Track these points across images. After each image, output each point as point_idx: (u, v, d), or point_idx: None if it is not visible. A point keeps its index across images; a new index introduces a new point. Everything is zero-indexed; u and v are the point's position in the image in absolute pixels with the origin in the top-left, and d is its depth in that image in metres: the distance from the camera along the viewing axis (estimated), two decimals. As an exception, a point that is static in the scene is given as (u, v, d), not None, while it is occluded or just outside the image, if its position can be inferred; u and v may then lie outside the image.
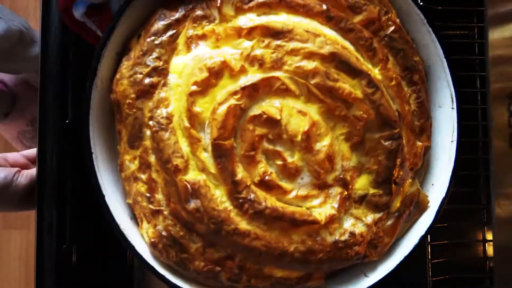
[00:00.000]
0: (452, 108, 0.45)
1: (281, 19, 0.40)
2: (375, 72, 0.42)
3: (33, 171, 0.47)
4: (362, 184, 0.43)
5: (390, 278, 0.43)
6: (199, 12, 0.40)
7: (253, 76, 0.39)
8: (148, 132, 0.39)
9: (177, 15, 0.40)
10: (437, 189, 0.46)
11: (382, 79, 0.42)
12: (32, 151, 0.51)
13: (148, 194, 0.40)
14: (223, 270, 0.40)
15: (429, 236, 0.51)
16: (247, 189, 0.39)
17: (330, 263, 0.42)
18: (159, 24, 0.40)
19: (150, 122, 0.39)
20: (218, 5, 0.40)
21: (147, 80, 0.39)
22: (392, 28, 0.43)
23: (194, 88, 0.38)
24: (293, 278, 0.42)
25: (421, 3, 0.52)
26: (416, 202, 0.45)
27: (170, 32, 0.40)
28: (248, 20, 0.40)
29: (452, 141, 0.45)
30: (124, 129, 0.41)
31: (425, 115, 0.45)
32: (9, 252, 1.08)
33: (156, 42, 0.40)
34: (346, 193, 0.42)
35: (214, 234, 0.39)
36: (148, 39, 0.40)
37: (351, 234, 0.42)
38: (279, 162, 0.40)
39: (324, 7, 0.41)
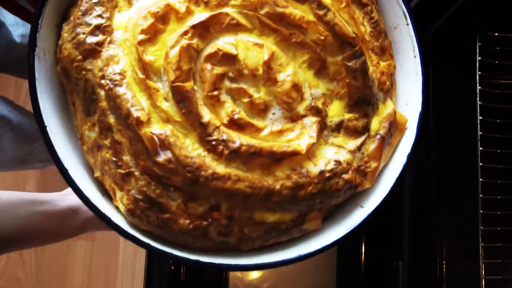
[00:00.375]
0: (407, 24, 0.45)
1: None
2: None
3: None
4: (335, 111, 0.42)
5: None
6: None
7: (201, 15, 0.38)
8: (102, 93, 0.37)
9: (112, -28, 0.39)
10: (412, 106, 0.45)
11: (332, 3, 0.42)
12: None
13: (114, 159, 0.37)
14: (211, 224, 0.37)
15: (483, 270, 0.53)
16: (217, 130, 0.37)
17: (322, 197, 0.40)
18: (95, -17, 0.38)
19: (102, 81, 0.37)
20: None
21: (91, 39, 0.37)
22: (330, -46, 0.43)
23: (141, 37, 0.37)
24: (287, 221, 0.40)
25: (479, 58, 0.56)
26: (394, 122, 0.44)
27: (108, -11, 0.38)
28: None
29: (415, 56, 0.45)
30: (77, 98, 0.38)
31: (382, 35, 0.45)
32: (74, 260, 1.17)
33: (95, 0, 0.38)
34: (320, 120, 0.40)
35: (192, 184, 0.36)
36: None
37: (336, 162, 0.40)
38: (246, 100, 0.39)
39: None
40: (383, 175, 0.44)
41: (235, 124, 0.38)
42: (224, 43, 0.38)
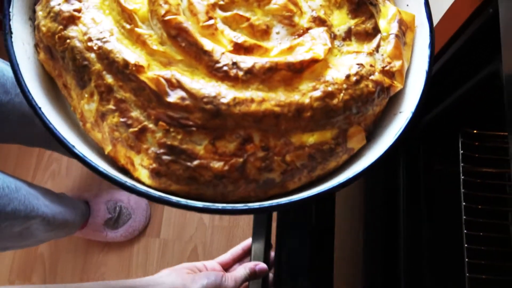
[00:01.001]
0: None
1: None
2: None
3: (234, 274, 0.53)
4: (339, 19, 0.39)
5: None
6: None
7: (173, -46, 0.36)
8: (92, 55, 0.34)
9: None
10: (413, 4, 0.43)
11: None
12: (224, 257, 0.59)
13: (123, 119, 0.33)
14: (247, 160, 0.33)
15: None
16: (225, 55, 0.33)
17: (357, 104, 0.36)
18: (58, -41, 0.37)
19: (90, 43, 0.34)
20: None
21: (67, 7, 0.35)
22: None
23: (119, -12, 0.35)
24: (328, 139, 0.35)
25: (462, 151, 0.66)
26: (402, 21, 0.41)
27: (72, -38, 0.37)
28: None
29: (398, -44, 0.43)
30: (67, 73, 0.35)
31: None
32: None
33: (62, -26, 0.36)
34: (327, 29, 0.37)
35: (214, 116, 0.32)
36: (53, -24, 0.36)
37: (359, 65, 0.37)
38: (245, 25, 0.36)
39: None
40: (411, 76, 0.40)
41: (241, 48, 0.34)
42: (205, -26, 0.36)
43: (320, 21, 0.37)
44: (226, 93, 0.32)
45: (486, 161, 0.67)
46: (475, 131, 0.69)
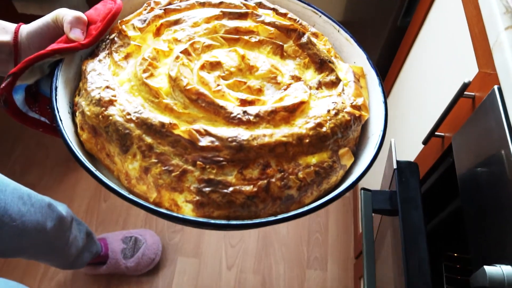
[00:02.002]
0: (320, 16, 0.60)
1: (173, 17, 0.52)
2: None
3: None
4: (310, 75, 0.51)
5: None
6: (115, 46, 0.49)
7: (181, 46, 0.48)
8: (132, 125, 0.42)
9: (101, 55, 0.48)
10: (359, 59, 0.57)
11: (265, 14, 0.55)
12: None
13: (165, 168, 0.40)
14: (270, 181, 0.41)
15: None
16: (236, 108, 0.43)
17: (340, 130, 0.46)
18: (90, 64, 0.47)
19: (128, 116, 0.42)
20: (123, 32, 0.50)
21: (106, 94, 0.44)
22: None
23: (145, 75, 0.45)
24: (326, 159, 0.45)
25: (445, 274, 0.72)
26: (355, 72, 0.54)
27: (102, 64, 0.47)
28: (154, 26, 0.50)
29: (338, 31, 0.58)
30: (111, 144, 0.43)
31: (308, 26, 0.58)
32: None
33: (96, 74, 0.46)
34: (304, 82, 0.49)
35: (239, 151, 0.41)
36: (89, 76, 0.46)
37: (334, 103, 0.48)
38: (244, 87, 0.47)
39: None
40: (373, 108, 0.52)
41: (246, 102, 0.45)
42: (208, 57, 0.48)
43: (297, 78, 0.49)
44: (243, 133, 0.42)
45: (468, 284, 0.68)
46: (455, 255, 0.75)
